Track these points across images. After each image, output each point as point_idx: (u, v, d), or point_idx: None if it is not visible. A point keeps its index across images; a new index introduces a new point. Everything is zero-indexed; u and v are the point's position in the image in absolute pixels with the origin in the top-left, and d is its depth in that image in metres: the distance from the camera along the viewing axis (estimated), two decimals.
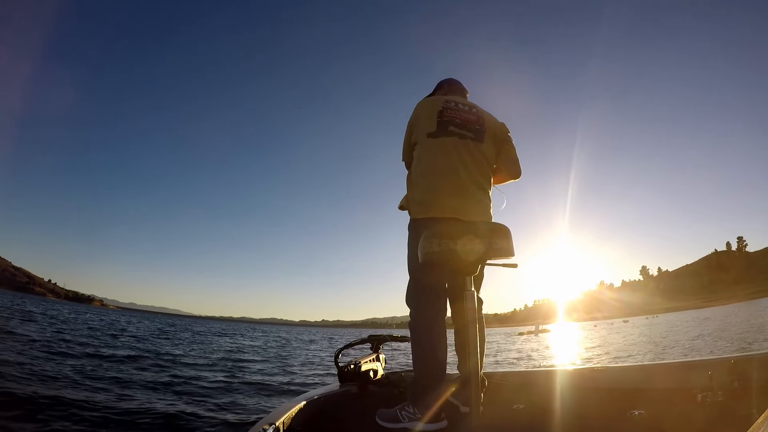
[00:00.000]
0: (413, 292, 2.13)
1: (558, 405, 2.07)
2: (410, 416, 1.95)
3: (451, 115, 2.22)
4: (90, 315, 39.39)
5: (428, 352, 2.01)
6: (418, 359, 2.02)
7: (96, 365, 7.57)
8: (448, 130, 2.18)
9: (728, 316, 33.17)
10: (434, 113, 2.23)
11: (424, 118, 2.25)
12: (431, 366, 1.99)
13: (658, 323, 41.21)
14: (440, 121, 2.20)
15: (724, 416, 1.55)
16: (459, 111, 2.26)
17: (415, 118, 2.29)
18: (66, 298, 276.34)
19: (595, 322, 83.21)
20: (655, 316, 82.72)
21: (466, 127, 2.21)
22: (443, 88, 2.53)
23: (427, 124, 2.22)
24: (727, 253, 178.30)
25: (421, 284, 2.10)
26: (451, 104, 2.27)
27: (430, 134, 2.19)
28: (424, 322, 2.05)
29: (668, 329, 25.74)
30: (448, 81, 2.55)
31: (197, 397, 5.75)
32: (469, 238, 1.66)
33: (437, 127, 2.19)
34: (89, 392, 5.23)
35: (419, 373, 2.02)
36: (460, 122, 2.21)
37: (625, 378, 2.05)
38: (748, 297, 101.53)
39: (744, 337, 13.87)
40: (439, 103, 2.28)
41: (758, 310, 38.31)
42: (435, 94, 2.52)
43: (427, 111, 2.27)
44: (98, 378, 6.29)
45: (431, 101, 2.33)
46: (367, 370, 2.53)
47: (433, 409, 1.93)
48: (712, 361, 1.83)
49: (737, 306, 66.93)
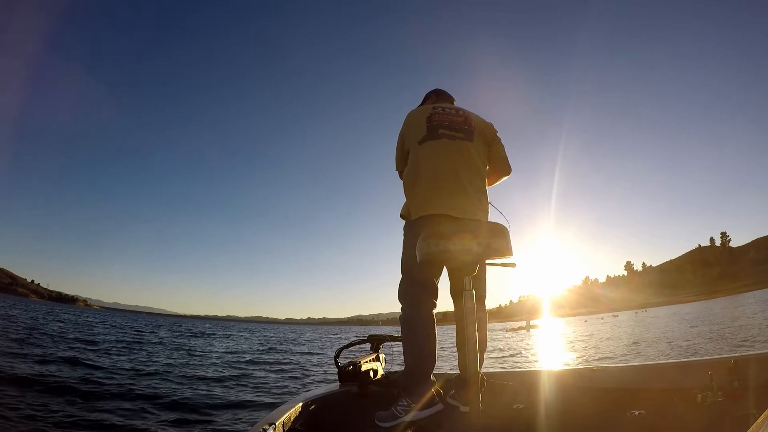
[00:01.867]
0: (407, 289, 2.20)
1: (558, 405, 2.08)
2: (405, 408, 2.00)
3: (440, 118, 2.29)
4: (68, 316, 37.37)
5: (418, 345, 2.09)
6: (409, 351, 2.10)
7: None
8: (438, 133, 2.23)
9: (729, 309, 33.53)
10: (423, 120, 2.30)
11: (413, 126, 2.32)
12: (421, 357, 2.07)
13: (654, 317, 41.86)
14: (429, 125, 2.26)
15: (724, 416, 1.56)
16: (446, 114, 2.33)
17: (406, 128, 2.37)
18: (49, 298, 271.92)
19: (585, 317, 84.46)
20: (645, 310, 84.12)
21: (455, 128, 2.26)
22: (431, 98, 2.60)
23: (417, 131, 2.28)
24: (710, 248, 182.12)
25: (415, 282, 2.17)
26: (438, 109, 2.35)
27: (422, 140, 2.24)
28: (415, 316, 2.13)
29: (665, 323, 26.16)
30: (435, 91, 2.63)
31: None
32: (468, 237, 1.67)
33: (427, 132, 2.25)
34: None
35: (410, 365, 2.10)
36: (448, 124, 2.27)
37: (624, 378, 2.07)
38: (734, 291, 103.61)
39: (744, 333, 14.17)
40: (426, 110, 2.36)
41: (749, 304, 38.89)
42: (424, 104, 2.57)
43: (415, 119, 2.35)
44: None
45: (419, 110, 2.42)
46: (367, 370, 2.53)
47: (426, 396, 2.01)
48: (712, 361, 1.85)
49: (724, 300, 68.05)
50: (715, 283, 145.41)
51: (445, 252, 1.65)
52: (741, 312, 27.31)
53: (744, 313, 25.83)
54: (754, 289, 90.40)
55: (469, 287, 1.69)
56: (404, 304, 2.19)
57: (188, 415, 5.31)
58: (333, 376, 5.26)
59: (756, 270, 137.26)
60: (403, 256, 2.26)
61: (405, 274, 2.23)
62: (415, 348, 2.09)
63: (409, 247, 2.23)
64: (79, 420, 4.67)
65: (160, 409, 5.52)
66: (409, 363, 2.10)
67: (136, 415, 5.17)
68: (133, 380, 7.30)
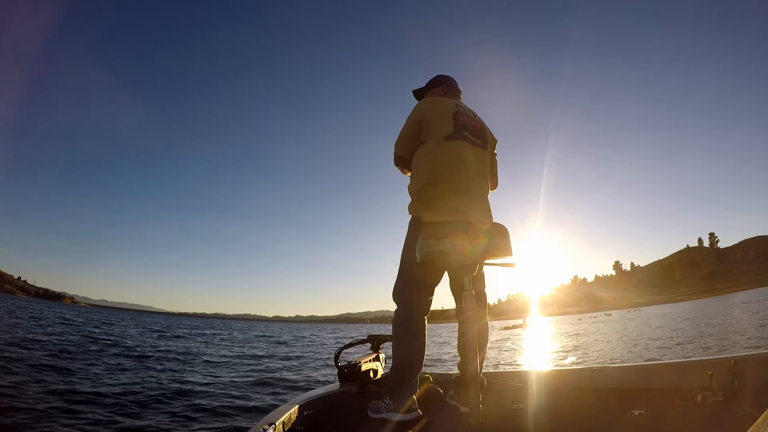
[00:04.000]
0: (403, 288, 2.14)
1: (558, 405, 2.09)
2: (386, 407, 2.01)
3: (464, 120, 2.19)
4: (33, 313, 31.73)
5: (408, 347, 2.04)
6: (398, 353, 2.06)
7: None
8: (463, 134, 2.14)
9: (728, 308, 33.43)
10: (449, 114, 2.17)
11: (439, 117, 2.16)
12: (409, 360, 2.03)
13: (649, 315, 42.04)
14: (456, 124, 2.15)
15: (724, 416, 1.57)
16: (468, 117, 2.23)
17: (429, 116, 2.17)
18: (36, 295, 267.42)
19: (579, 316, 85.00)
20: (637, 309, 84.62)
21: (475, 134, 2.20)
22: (441, 86, 2.45)
23: (444, 125, 2.14)
24: (699, 248, 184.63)
25: (413, 282, 2.11)
26: (461, 109, 2.24)
27: (448, 136, 2.12)
28: (410, 318, 2.08)
29: (666, 321, 25.97)
30: (446, 79, 2.47)
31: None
32: (469, 237, 1.66)
33: (454, 130, 2.13)
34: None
35: (397, 367, 2.05)
36: (471, 128, 2.19)
37: (625, 378, 2.08)
38: (725, 291, 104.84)
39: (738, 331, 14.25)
40: (451, 105, 2.22)
41: (742, 303, 39.28)
42: (430, 90, 2.47)
43: (441, 111, 2.19)
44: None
45: (443, 102, 2.25)
46: (367, 370, 2.52)
47: (407, 401, 1.99)
48: (712, 361, 1.86)
49: (716, 299, 68.46)
50: (704, 282, 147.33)
51: (446, 252, 1.64)
52: (739, 310, 27.46)
53: (744, 311, 25.90)
54: (746, 289, 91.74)
55: (469, 287, 1.70)
56: (400, 304, 2.13)
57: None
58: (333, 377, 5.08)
59: (745, 270, 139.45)
60: (404, 254, 2.16)
61: (404, 273, 2.15)
62: (404, 351, 2.05)
63: (411, 244, 2.13)
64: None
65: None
66: (397, 364, 2.06)
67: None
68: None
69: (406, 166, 2.31)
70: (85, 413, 5.01)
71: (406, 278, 2.14)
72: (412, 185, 2.20)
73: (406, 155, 2.28)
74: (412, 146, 2.23)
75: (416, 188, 2.16)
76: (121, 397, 5.91)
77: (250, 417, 5.34)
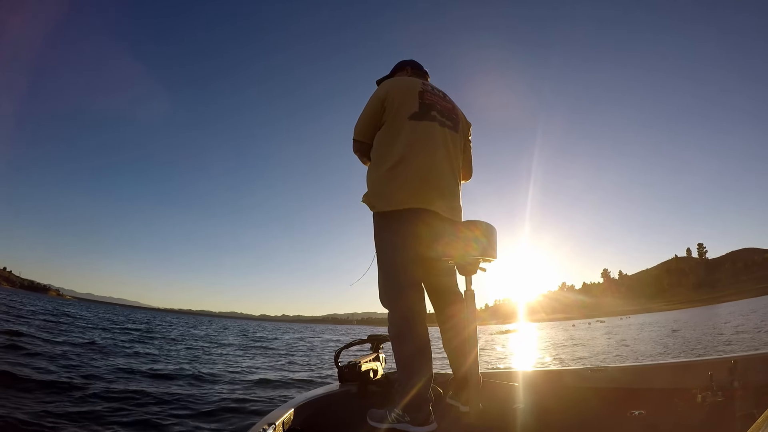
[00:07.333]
0: (392, 290, 1.93)
1: (558, 405, 2.09)
2: (399, 418, 1.82)
3: (432, 99, 2.00)
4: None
5: (414, 352, 1.85)
6: (403, 360, 1.85)
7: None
8: (431, 114, 1.96)
9: (720, 317, 32.77)
10: (414, 93, 1.97)
11: (403, 96, 1.96)
12: (417, 366, 1.83)
13: (642, 323, 41.99)
14: (422, 103, 1.96)
15: (724, 416, 1.58)
16: (436, 96, 2.04)
17: (392, 95, 1.96)
18: (21, 287, 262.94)
19: (573, 322, 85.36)
20: (628, 317, 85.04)
21: (445, 115, 2.03)
22: (405, 69, 2.27)
23: (409, 104, 1.94)
24: (687, 258, 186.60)
25: (402, 282, 1.91)
26: (428, 87, 2.05)
27: (413, 116, 1.92)
28: (412, 321, 1.89)
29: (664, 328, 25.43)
30: (411, 63, 2.29)
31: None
32: (471, 238, 1.66)
33: (419, 109, 1.94)
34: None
35: (405, 375, 1.83)
36: (441, 108, 2.02)
37: (624, 378, 2.08)
38: (714, 301, 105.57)
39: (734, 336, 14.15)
40: (417, 84, 2.03)
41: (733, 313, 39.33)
42: (395, 75, 2.27)
43: (405, 89, 1.99)
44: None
45: (407, 81, 2.05)
46: (367, 370, 2.49)
47: (423, 412, 1.80)
48: (712, 361, 1.87)
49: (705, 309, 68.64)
50: (692, 292, 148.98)
51: (450, 251, 1.65)
52: (731, 319, 27.22)
53: (739, 320, 25.61)
54: (734, 300, 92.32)
55: (471, 287, 1.70)
56: (393, 309, 1.92)
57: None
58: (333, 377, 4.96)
59: (733, 281, 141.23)
60: (384, 255, 1.95)
61: (390, 276, 1.93)
62: (409, 357, 1.85)
63: (389, 245, 1.92)
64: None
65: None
66: (403, 373, 1.84)
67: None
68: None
69: (366, 153, 2.08)
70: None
71: (394, 281, 1.92)
72: (370, 171, 2.00)
73: (368, 140, 2.04)
74: (373, 129, 2.02)
75: (374, 174, 1.95)
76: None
77: (251, 417, 5.28)
